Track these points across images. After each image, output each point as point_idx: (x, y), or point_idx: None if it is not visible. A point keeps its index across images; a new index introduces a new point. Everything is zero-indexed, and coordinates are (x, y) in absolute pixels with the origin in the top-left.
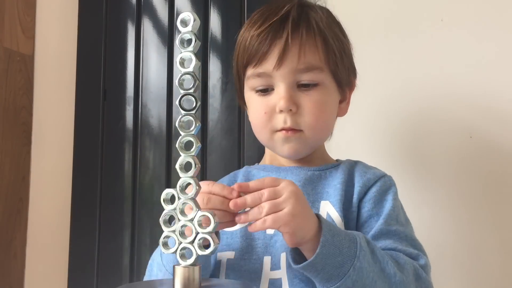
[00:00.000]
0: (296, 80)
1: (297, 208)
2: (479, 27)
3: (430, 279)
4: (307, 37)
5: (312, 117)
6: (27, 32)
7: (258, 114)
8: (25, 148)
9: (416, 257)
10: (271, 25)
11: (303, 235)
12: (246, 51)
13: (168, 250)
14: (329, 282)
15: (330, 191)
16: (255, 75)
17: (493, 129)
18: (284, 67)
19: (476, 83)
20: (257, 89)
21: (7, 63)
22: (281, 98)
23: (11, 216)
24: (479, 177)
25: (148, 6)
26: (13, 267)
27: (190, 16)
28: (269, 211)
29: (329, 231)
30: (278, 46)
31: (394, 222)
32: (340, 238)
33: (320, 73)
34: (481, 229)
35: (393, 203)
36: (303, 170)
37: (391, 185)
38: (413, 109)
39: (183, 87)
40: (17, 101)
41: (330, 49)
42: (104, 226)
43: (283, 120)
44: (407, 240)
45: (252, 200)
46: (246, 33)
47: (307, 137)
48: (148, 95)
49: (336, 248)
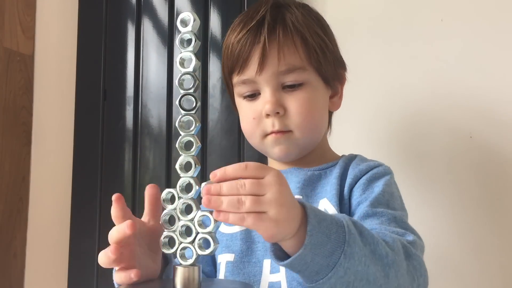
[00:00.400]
0: (280, 82)
1: (282, 213)
2: (479, 27)
3: (421, 256)
4: (284, 38)
5: (300, 117)
6: (27, 32)
7: (247, 120)
8: (25, 148)
9: (402, 235)
10: (248, 31)
11: (285, 236)
12: (229, 59)
13: (169, 250)
14: (318, 274)
15: (328, 188)
16: (240, 82)
17: (493, 129)
18: (266, 71)
19: (476, 83)
20: (244, 95)
21: (7, 63)
22: (266, 102)
23: (11, 216)
24: (479, 177)
25: (148, 6)
26: (13, 267)
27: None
28: (249, 209)
29: (315, 216)
30: (257, 51)
31: (382, 206)
32: (326, 224)
33: (303, 73)
34: (481, 229)
35: (384, 188)
36: (302, 171)
37: (385, 174)
38: (413, 109)
39: (183, 87)
40: (17, 101)
41: (310, 47)
42: (104, 226)
43: (271, 123)
44: (396, 222)
45: (228, 190)
46: (228, 40)
47: (297, 137)
48: (148, 95)
49: (324, 235)
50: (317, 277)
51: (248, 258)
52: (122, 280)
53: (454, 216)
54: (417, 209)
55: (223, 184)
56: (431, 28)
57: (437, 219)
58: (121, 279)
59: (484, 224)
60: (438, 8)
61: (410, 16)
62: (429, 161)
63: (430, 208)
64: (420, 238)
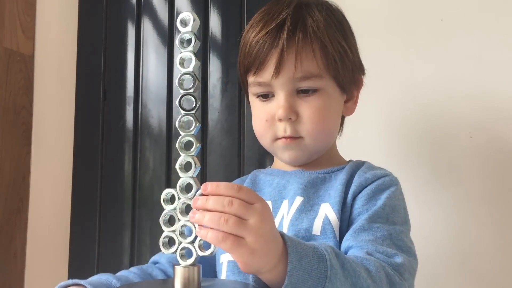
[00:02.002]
0: (295, 87)
1: (259, 243)
2: (479, 27)
3: (405, 282)
4: (303, 44)
5: (312, 124)
6: (27, 32)
7: (260, 121)
8: (25, 148)
9: (392, 256)
10: (267, 33)
11: (260, 269)
12: (246, 58)
13: (168, 250)
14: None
15: (332, 193)
16: (255, 83)
17: (493, 129)
18: (282, 76)
19: (476, 83)
20: (258, 94)
21: (7, 63)
22: (280, 107)
23: (11, 216)
24: (479, 177)
25: (148, 6)
26: (13, 267)
27: (190, 16)
28: (232, 229)
29: (296, 254)
30: (275, 55)
31: (381, 220)
32: (308, 260)
33: (319, 80)
34: (481, 228)
35: (385, 202)
36: (306, 174)
37: (391, 185)
38: (412, 110)
39: (183, 87)
40: (17, 101)
41: (329, 55)
42: (104, 226)
43: (283, 129)
44: (390, 239)
45: (214, 204)
46: (246, 37)
47: (307, 143)
48: (148, 95)
49: (305, 272)
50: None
51: None
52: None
53: (454, 216)
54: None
55: (210, 198)
56: (431, 28)
57: (437, 219)
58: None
59: (484, 224)
60: (438, 8)
61: (410, 17)
62: (428, 161)
63: (430, 208)
64: (412, 256)
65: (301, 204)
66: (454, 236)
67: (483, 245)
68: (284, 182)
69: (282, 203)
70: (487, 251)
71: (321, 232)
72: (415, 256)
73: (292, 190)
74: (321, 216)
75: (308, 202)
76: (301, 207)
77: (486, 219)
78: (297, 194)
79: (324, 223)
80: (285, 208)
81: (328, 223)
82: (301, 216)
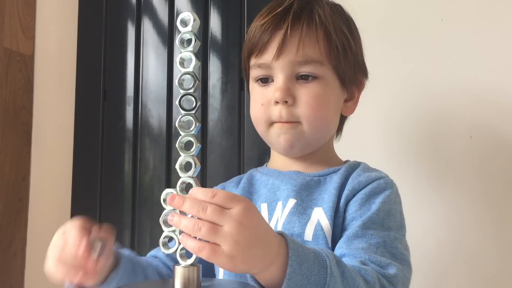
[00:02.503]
0: (295, 72)
1: (236, 250)
2: (479, 27)
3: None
4: (307, 29)
5: (309, 109)
6: (27, 32)
7: (256, 105)
8: (25, 148)
9: (385, 266)
10: (273, 16)
11: (249, 271)
12: (250, 42)
13: (168, 250)
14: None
15: (325, 197)
16: (256, 65)
17: (493, 129)
18: (283, 58)
19: (476, 83)
20: (257, 78)
21: (7, 63)
22: (277, 89)
23: (11, 216)
24: (479, 177)
25: (148, 6)
26: (13, 267)
27: (190, 16)
28: (204, 237)
29: (297, 257)
30: (278, 37)
31: (375, 226)
32: (308, 265)
33: (320, 67)
34: (481, 228)
35: (380, 207)
36: (301, 176)
37: (386, 188)
38: (412, 109)
39: (183, 87)
40: (17, 101)
41: (333, 43)
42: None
43: (279, 112)
44: (384, 247)
45: (190, 207)
46: (253, 24)
47: (304, 129)
48: (148, 95)
49: (304, 277)
50: None
51: None
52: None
53: (454, 215)
54: (417, 209)
55: (187, 200)
56: (431, 28)
57: (437, 219)
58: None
59: (484, 224)
60: (438, 8)
61: (410, 17)
62: (428, 161)
63: (430, 208)
64: (406, 265)
65: (293, 207)
66: (454, 236)
67: (484, 244)
68: (278, 183)
69: (276, 205)
70: (488, 251)
71: (313, 238)
72: (409, 264)
73: (286, 191)
74: (314, 221)
75: (301, 204)
76: (294, 210)
77: (486, 218)
78: (290, 196)
79: (316, 229)
80: (279, 210)
81: (320, 229)
82: (293, 219)
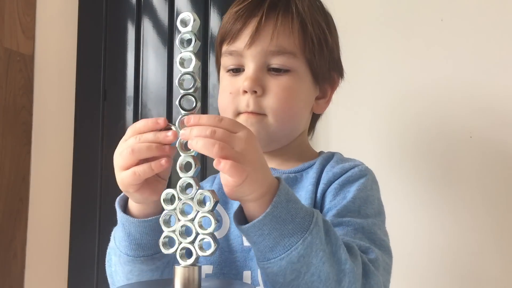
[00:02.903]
0: (266, 62)
1: (248, 166)
2: (479, 27)
3: (379, 275)
4: (283, 18)
5: (276, 101)
6: (27, 32)
7: (224, 94)
8: (25, 148)
9: (365, 250)
10: (249, 3)
11: (244, 194)
12: (223, 28)
13: (168, 250)
14: (272, 251)
15: (303, 194)
16: (227, 53)
17: (493, 129)
18: (255, 46)
19: (476, 83)
20: (228, 68)
21: (7, 63)
22: (246, 78)
23: (11, 216)
24: (479, 177)
25: (148, 6)
26: (13, 267)
27: (190, 16)
28: (218, 151)
29: (286, 194)
30: (252, 25)
31: (352, 214)
32: (295, 206)
33: (292, 59)
34: (481, 228)
35: (355, 194)
36: (277, 173)
37: (361, 176)
38: (412, 110)
39: (183, 87)
40: (17, 101)
41: (308, 35)
42: (104, 226)
43: (246, 102)
44: (363, 233)
45: (198, 133)
46: (228, 10)
47: (270, 123)
48: (148, 95)
49: (289, 214)
50: (270, 255)
51: (227, 269)
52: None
53: (454, 215)
54: (417, 209)
55: (194, 128)
56: (431, 28)
57: (436, 219)
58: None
59: (484, 223)
60: (438, 8)
61: (410, 17)
62: (428, 161)
63: (430, 208)
64: (386, 251)
65: None
66: (453, 237)
67: (483, 245)
68: None
69: None
70: (487, 252)
71: None
72: (389, 250)
73: None
74: None
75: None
76: None
77: (486, 219)
78: None
79: None
80: None
81: None
82: None
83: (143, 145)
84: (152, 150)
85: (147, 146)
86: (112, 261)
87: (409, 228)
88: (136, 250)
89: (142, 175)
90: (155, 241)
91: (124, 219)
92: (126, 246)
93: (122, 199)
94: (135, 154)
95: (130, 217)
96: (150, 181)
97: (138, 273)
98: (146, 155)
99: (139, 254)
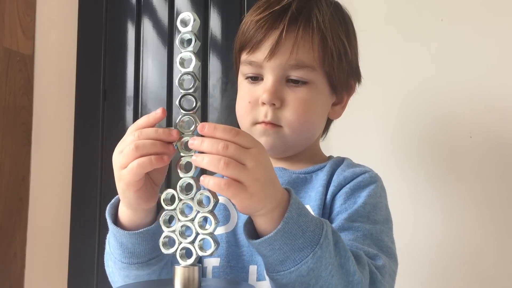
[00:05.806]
0: (285, 74)
1: (254, 188)
2: (479, 27)
3: (386, 282)
4: (303, 33)
5: (294, 114)
6: (27, 32)
7: (243, 102)
8: (25, 148)
9: (373, 257)
10: (270, 13)
11: (256, 211)
12: (243, 36)
13: (168, 250)
14: (282, 264)
15: (312, 195)
16: (247, 62)
17: (493, 129)
18: (275, 59)
19: (476, 83)
20: (247, 75)
21: (7, 63)
22: (265, 90)
23: (11, 216)
24: (479, 177)
25: (148, 6)
26: (13, 267)
27: (190, 16)
28: (229, 171)
29: (297, 209)
30: (272, 37)
31: (361, 219)
32: (306, 220)
33: (311, 72)
34: (482, 228)
35: (366, 200)
36: (287, 173)
37: (371, 182)
38: (412, 110)
39: (183, 87)
40: (17, 101)
41: (328, 50)
42: (104, 226)
43: (265, 113)
44: (371, 239)
45: (210, 147)
46: (248, 17)
47: (286, 134)
48: (148, 95)
49: (300, 229)
50: (280, 268)
51: (234, 262)
52: (152, 162)
53: (454, 215)
54: (417, 209)
55: (206, 140)
56: (431, 28)
57: (437, 219)
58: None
59: (484, 223)
60: (438, 8)
61: (410, 17)
62: (429, 161)
63: (430, 208)
64: (393, 258)
65: None
66: (454, 236)
67: (483, 244)
68: None
69: None
70: (488, 251)
71: None
72: (395, 257)
73: None
74: None
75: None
76: None
77: (486, 218)
78: None
79: None
80: None
81: None
82: None
83: (147, 141)
84: (157, 146)
85: (152, 142)
86: (109, 264)
87: (410, 227)
88: (130, 258)
89: (143, 168)
90: (148, 249)
91: (115, 230)
92: (120, 254)
93: (112, 207)
94: (139, 150)
95: (120, 230)
96: (146, 185)
97: (134, 277)
98: (150, 150)
99: (133, 261)
